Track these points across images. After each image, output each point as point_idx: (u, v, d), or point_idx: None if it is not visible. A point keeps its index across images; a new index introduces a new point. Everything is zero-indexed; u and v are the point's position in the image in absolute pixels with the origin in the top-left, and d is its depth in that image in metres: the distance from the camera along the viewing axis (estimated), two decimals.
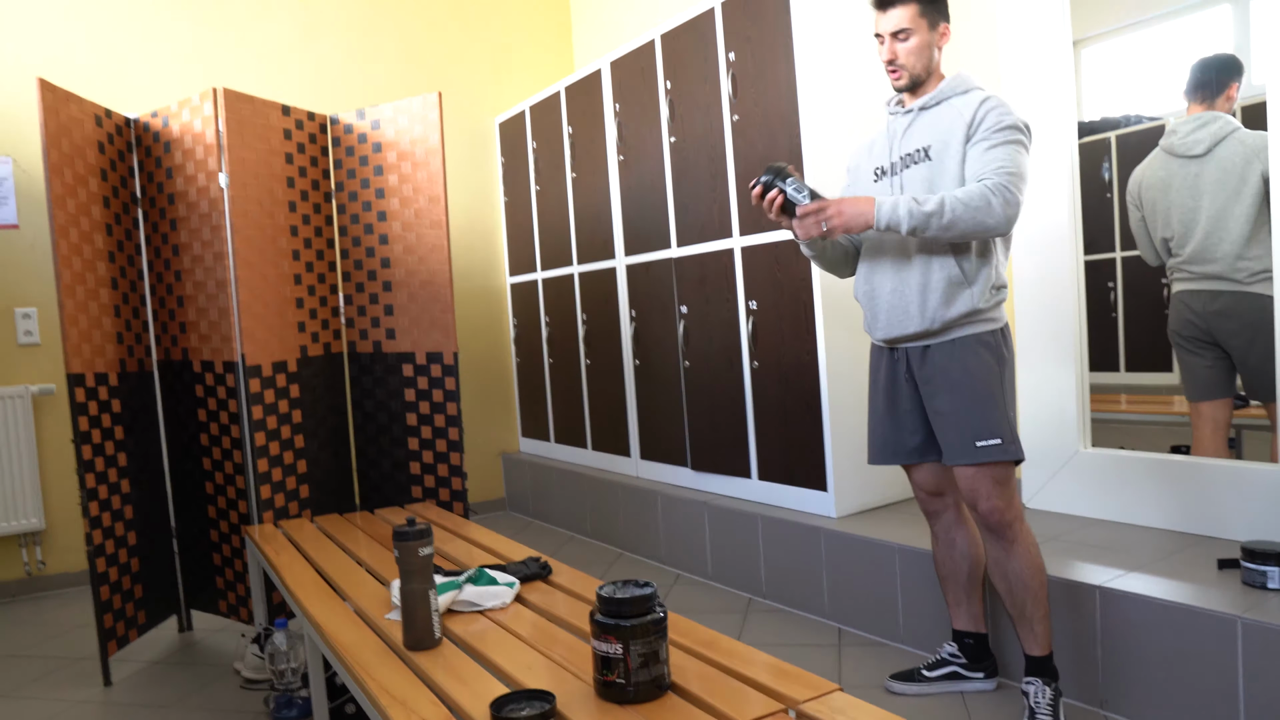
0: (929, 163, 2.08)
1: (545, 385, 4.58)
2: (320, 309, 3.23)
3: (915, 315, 2.09)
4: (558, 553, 3.93)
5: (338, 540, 2.68)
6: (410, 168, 3.18)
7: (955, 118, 2.06)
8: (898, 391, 2.21)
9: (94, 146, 2.88)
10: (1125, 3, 2.76)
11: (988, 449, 2.04)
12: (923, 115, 2.14)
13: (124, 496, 2.90)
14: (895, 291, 2.13)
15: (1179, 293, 2.64)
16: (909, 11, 2.07)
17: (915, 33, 2.07)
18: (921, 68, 2.11)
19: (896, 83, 2.14)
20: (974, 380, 2.06)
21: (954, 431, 2.08)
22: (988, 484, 2.06)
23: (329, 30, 4.47)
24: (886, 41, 2.10)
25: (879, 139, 2.26)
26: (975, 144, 2.02)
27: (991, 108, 2.02)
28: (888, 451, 2.27)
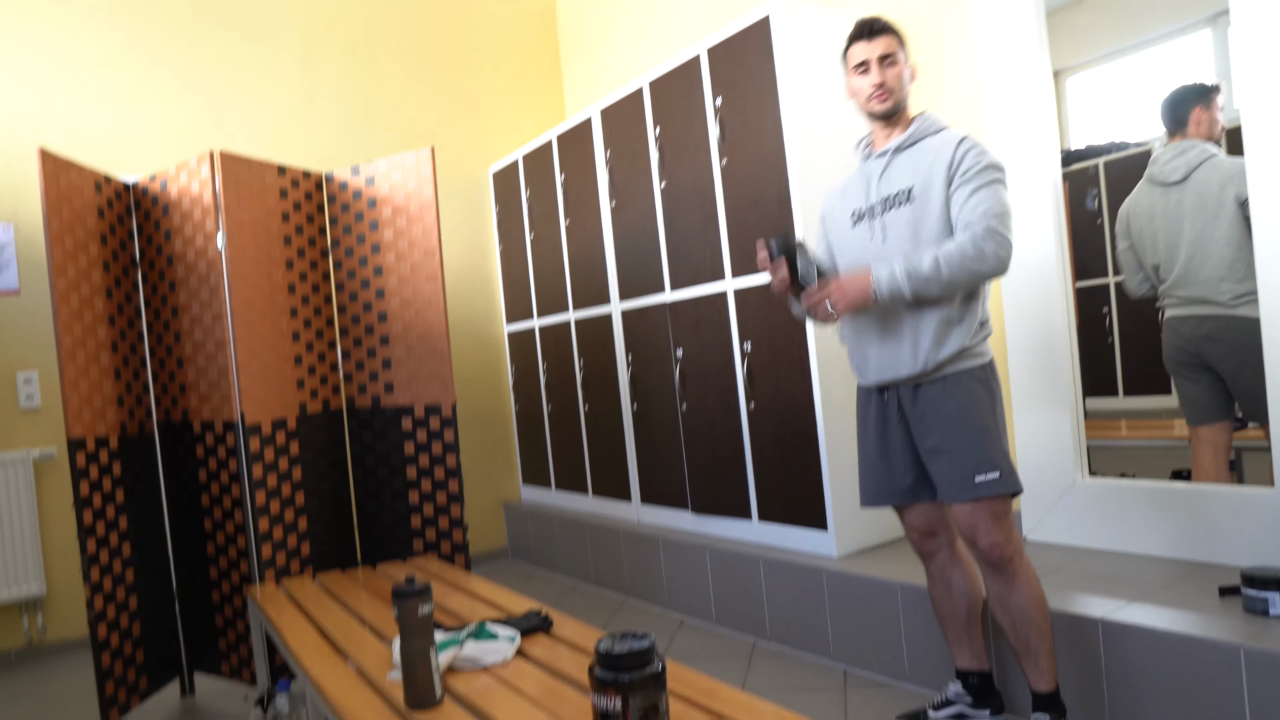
0: (911, 205, 2.12)
1: (545, 432, 4.59)
2: (319, 365, 3.25)
3: (908, 359, 2.11)
4: (561, 601, 3.92)
5: (339, 598, 2.68)
6: (405, 222, 3.22)
7: (933, 159, 2.11)
8: (889, 432, 2.22)
9: (94, 212, 2.93)
10: (1106, 32, 2.82)
11: (987, 483, 2.05)
12: (899, 157, 2.18)
13: (125, 560, 2.90)
14: (885, 335, 2.15)
15: (1169, 319, 2.66)
16: (893, 41, 2.17)
17: (899, 60, 2.17)
18: (903, 95, 2.18)
19: (881, 105, 2.17)
20: (968, 415, 2.07)
21: (951, 468, 2.08)
22: (986, 519, 2.06)
23: (324, 90, 4.55)
24: (873, 68, 2.16)
25: (852, 182, 2.30)
26: (958, 187, 2.07)
27: (969, 149, 2.08)
28: (881, 493, 2.26)
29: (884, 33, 2.17)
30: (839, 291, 2.06)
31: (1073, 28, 2.84)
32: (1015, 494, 2.08)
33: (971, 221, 2.02)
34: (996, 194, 2.05)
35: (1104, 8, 2.82)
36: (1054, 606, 2.24)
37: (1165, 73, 2.71)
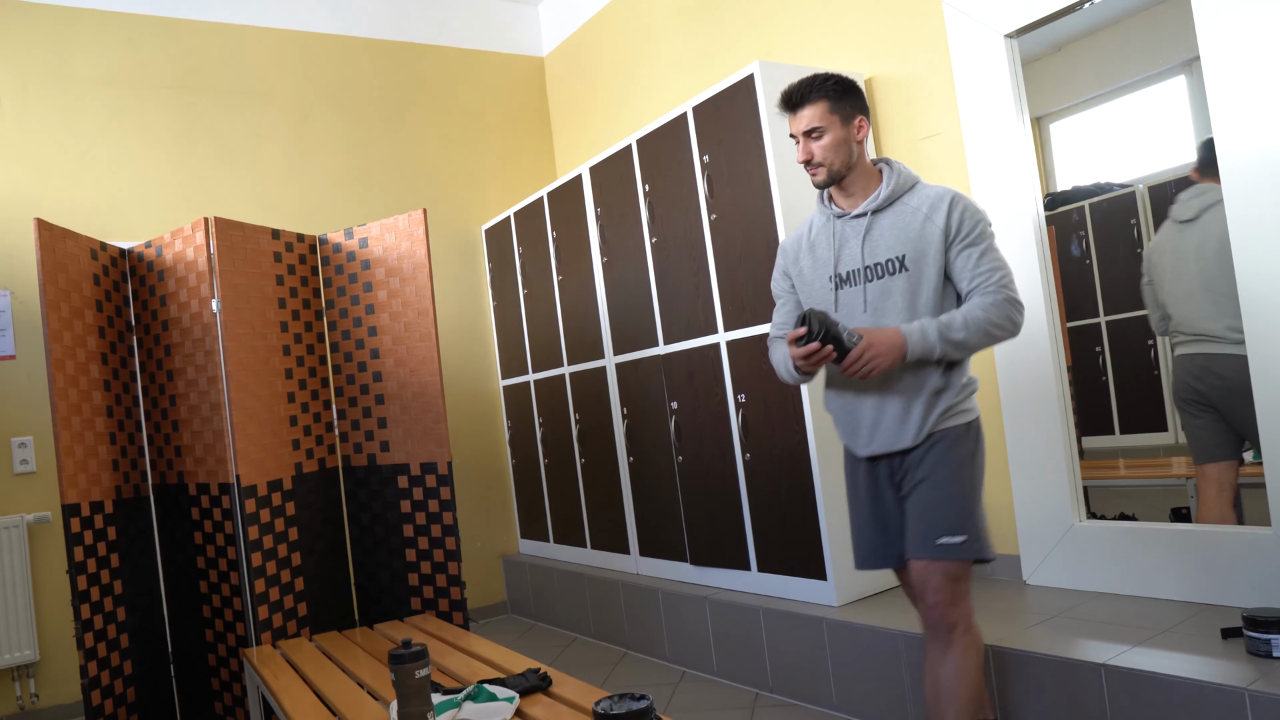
0: (907, 273, 2.02)
1: (542, 486, 4.58)
2: (314, 425, 3.26)
3: (909, 432, 2.04)
4: (560, 656, 3.88)
5: (336, 660, 2.65)
6: (399, 283, 3.25)
7: (924, 223, 2.02)
8: (881, 497, 2.13)
9: (89, 279, 2.96)
10: (1085, 79, 2.89)
11: (948, 546, 1.96)
12: (880, 220, 2.08)
13: (120, 625, 2.87)
14: (878, 408, 2.07)
15: (1178, 356, 2.68)
16: (819, 109, 2.04)
17: (828, 130, 2.04)
18: (840, 164, 2.07)
19: (815, 179, 2.09)
20: (946, 474, 2.00)
21: (920, 524, 2.01)
22: (938, 577, 1.98)
23: (317, 154, 4.62)
24: (800, 142, 2.07)
25: (821, 241, 2.17)
26: (961, 252, 2.00)
27: (963, 209, 2.01)
28: (876, 556, 2.17)
29: (805, 104, 2.05)
30: (874, 352, 1.94)
31: (1053, 75, 2.91)
32: (980, 561, 1.99)
33: (987, 288, 1.98)
34: (999, 256, 2.02)
35: (1081, 55, 2.89)
36: (1055, 652, 2.23)
37: (1143, 117, 2.77)
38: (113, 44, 4.16)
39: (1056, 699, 2.22)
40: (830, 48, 3.47)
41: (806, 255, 2.18)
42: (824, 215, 2.17)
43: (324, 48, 4.71)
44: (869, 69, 3.33)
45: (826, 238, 2.15)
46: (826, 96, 2.04)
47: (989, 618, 2.60)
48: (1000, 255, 2.02)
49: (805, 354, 1.94)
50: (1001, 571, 3.02)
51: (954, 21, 2.96)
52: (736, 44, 3.92)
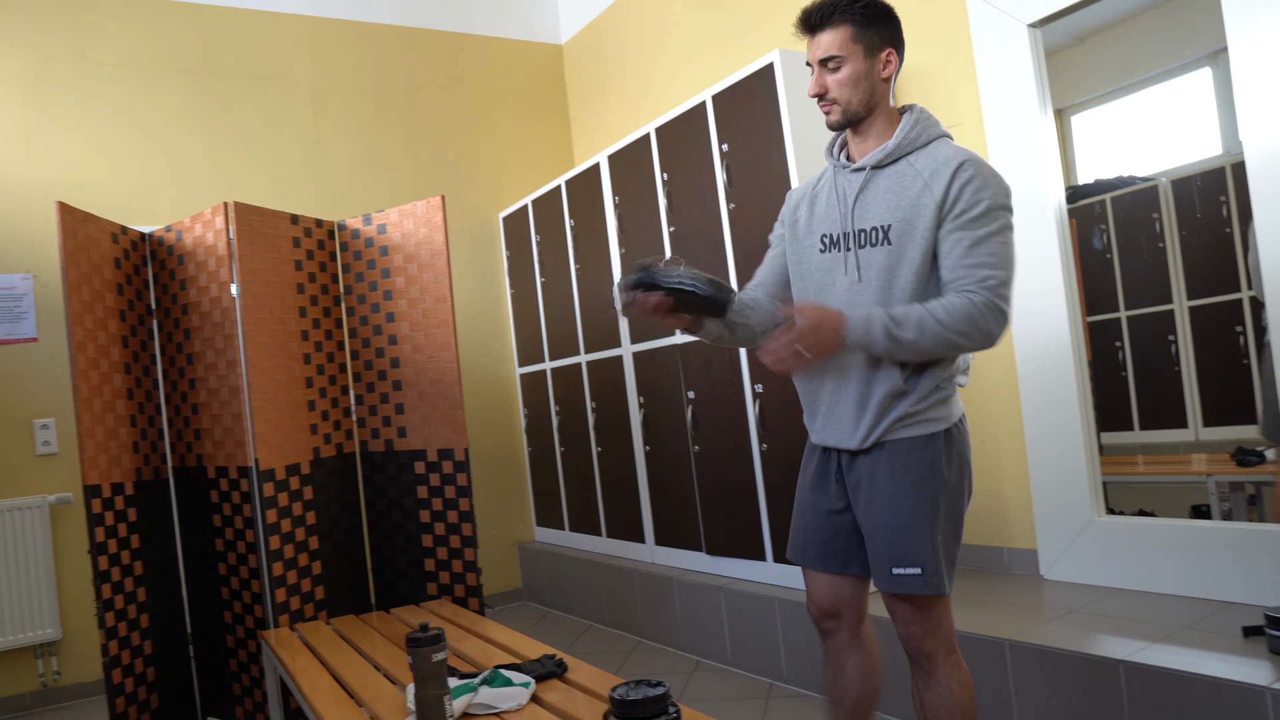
0: (889, 248, 1.73)
1: (558, 474, 4.59)
2: (332, 410, 3.28)
3: (849, 429, 1.79)
4: (575, 644, 3.89)
5: (353, 643, 2.67)
6: (416, 269, 3.26)
7: (921, 190, 1.71)
8: (825, 490, 1.88)
9: (110, 263, 2.97)
10: (1108, 70, 2.86)
11: (903, 579, 1.72)
12: (879, 177, 1.77)
13: (140, 605, 2.90)
14: (834, 396, 1.82)
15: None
16: (840, 35, 1.73)
17: (848, 60, 1.74)
18: (859, 102, 1.76)
19: (829, 119, 1.80)
20: (901, 493, 1.74)
21: (876, 551, 1.78)
22: (906, 609, 1.77)
23: (336, 140, 4.63)
24: (814, 71, 1.77)
25: (824, 194, 1.88)
26: (952, 232, 1.69)
27: (968, 179, 1.68)
28: (807, 553, 1.91)
29: (825, 26, 1.74)
30: (811, 332, 1.64)
31: (1076, 67, 2.88)
32: (936, 595, 1.73)
33: (968, 287, 1.66)
34: (1000, 248, 1.68)
35: (1105, 47, 2.86)
36: (1075, 648, 2.22)
37: (1167, 110, 2.74)
38: (134, 29, 4.18)
39: (1074, 695, 2.21)
40: None
41: (806, 207, 1.90)
42: (829, 164, 1.89)
43: (343, 34, 4.72)
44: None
45: (828, 191, 1.86)
46: (851, 20, 1.73)
47: (1005, 612, 2.59)
48: (1004, 248, 1.69)
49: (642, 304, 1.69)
50: (1019, 566, 3.01)
51: (977, 10, 2.94)
52: (756, 32, 3.90)
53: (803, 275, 1.89)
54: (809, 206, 1.90)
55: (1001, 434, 3.04)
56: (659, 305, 1.69)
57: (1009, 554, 3.04)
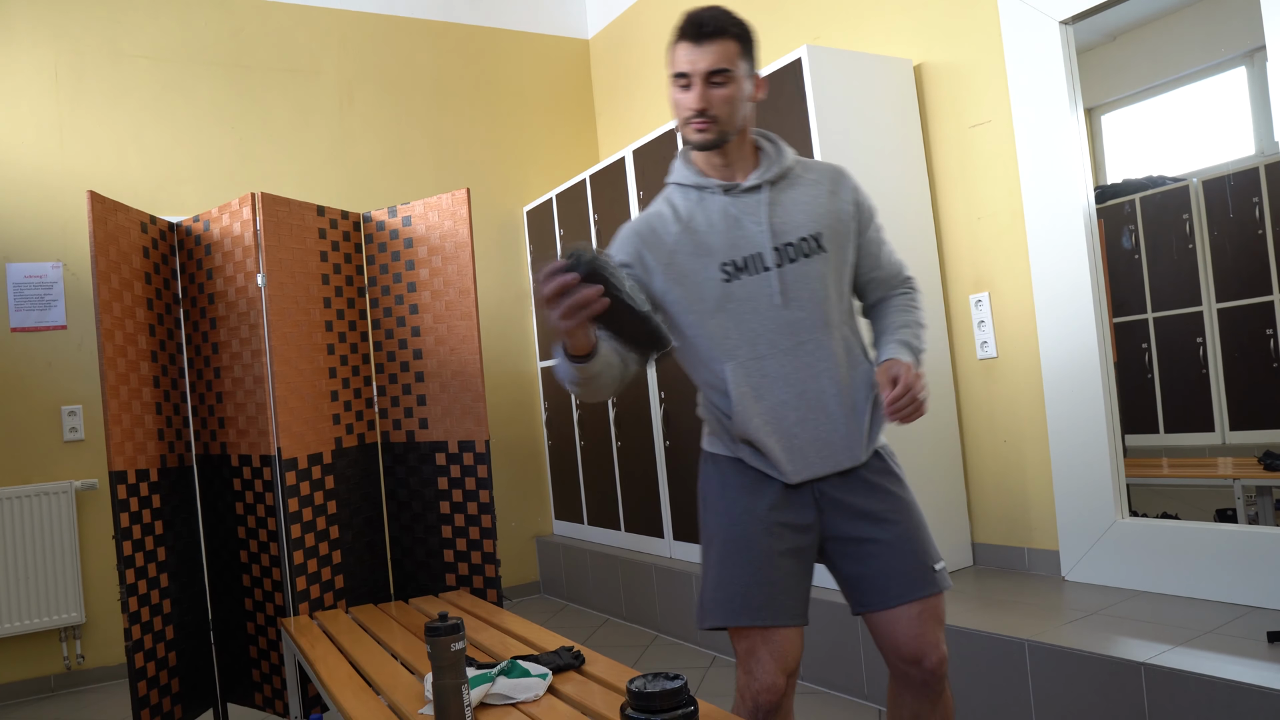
0: (824, 254, 1.68)
1: (578, 468, 4.60)
2: (354, 401, 3.30)
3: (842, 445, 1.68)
4: (592, 637, 3.90)
5: (372, 632, 2.69)
6: (441, 262, 3.27)
7: (830, 198, 1.72)
8: (796, 528, 1.70)
9: (139, 252, 3.01)
10: (1140, 69, 2.83)
11: (941, 574, 1.68)
12: (781, 194, 1.71)
13: (163, 591, 2.94)
14: (809, 423, 1.67)
15: None
16: (730, 49, 1.62)
17: (734, 78, 1.63)
18: (737, 123, 1.66)
19: (700, 136, 1.64)
20: (907, 494, 1.74)
21: (910, 556, 1.66)
22: (934, 625, 1.66)
23: (362, 132, 4.66)
24: (695, 85, 1.61)
25: (700, 220, 1.70)
26: (870, 238, 1.78)
27: (857, 187, 1.79)
28: (774, 607, 1.65)
29: (718, 36, 1.61)
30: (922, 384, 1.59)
31: (1106, 65, 2.85)
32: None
33: (898, 284, 1.82)
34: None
35: (1138, 45, 2.83)
36: (1095, 649, 2.20)
37: (1200, 110, 2.71)
38: (165, 22, 4.22)
39: (1094, 697, 2.19)
40: (880, 32, 3.42)
41: (682, 242, 1.70)
42: (693, 192, 1.73)
43: (371, 27, 4.74)
44: (919, 54, 3.29)
45: (709, 216, 1.70)
46: (738, 39, 1.64)
47: (1025, 613, 2.57)
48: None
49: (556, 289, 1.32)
50: (1040, 567, 2.98)
51: (1007, 7, 2.91)
52: (784, 27, 3.88)
53: (706, 313, 1.69)
54: (687, 239, 1.70)
55: (1025, 434, 3.01)
56: (596, 310, 1.35)
57: (1030, 554, 3.01)
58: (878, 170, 3.09)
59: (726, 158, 1.70)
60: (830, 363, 1.68)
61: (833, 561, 1.75)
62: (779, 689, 1.64)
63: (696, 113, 1.62)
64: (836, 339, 1.70)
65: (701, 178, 1.72)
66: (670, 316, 1.72)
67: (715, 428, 1.80)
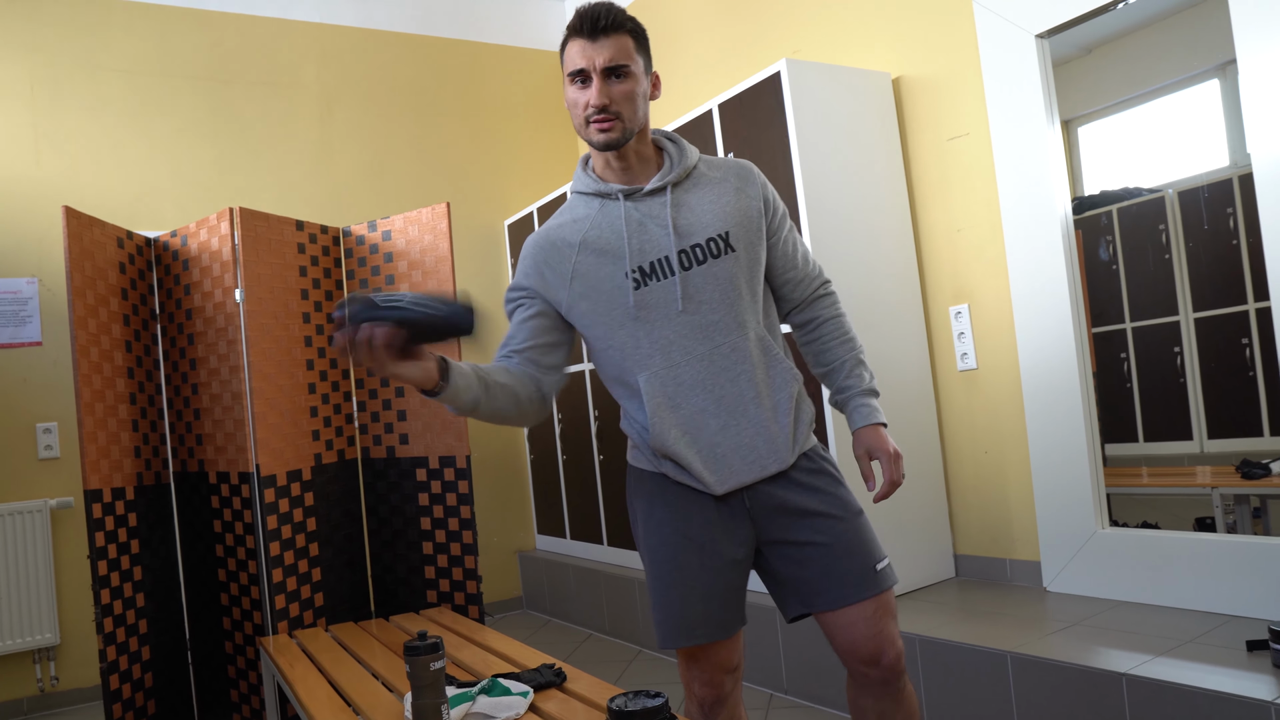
0: (733, 254, 1.63)
1: (560, 482, 4.58)
2: (334, 416, 3.27)
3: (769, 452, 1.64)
4: (575, 653, 3.87)
5: (352, 651, 2.66)
6: (421, 276, 3.26)
7: (737, 195, 1.67)
8: (729, 540, 1.67)
9: (115, 267, 2.98)
10: (1115, 82, 2.85)
11: (886, 572, 1.65)
12: (685, 195, 1.65)
13: (139, 610, 2.90)
14: (731, 430, 1.63)
15: None
16: (625, 44, 1.59)
17: (632, 73, 1.59)
18: (638, 121, 1.61)
19: (602, 136, 1.59)
20: (844, 494, 1.69)
21: (850, 558, 1.62)
22: (889, 621, 1.64)
23: (342, 145, 4.64)
24: (594, 81, 1.57)
25: (604, 229, 1.65)
26: (779, 236, 1.72)
27: (765, 182, 1.74)
28: (710, 626, 1.64)
29: (613, 31, 1.57)
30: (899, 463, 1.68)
31: (1082, 78, 2.88)
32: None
33: (817, 282, 1.79)
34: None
35: (1112, 58, 2.86)
36: (1076, 660, 2.20)
37: (1175, 122, 2.73)
38: (143, 35, 4.20)
39: (1076, 707, 2.19)
40: (858, 46, 3.44)
41: (585, 252, 1.66)
42: (595, 200, 1.68)
43: (350, 41, 4.73)
44: (897, 68, 3.31)
45: (612, 223, 1.65)
46: (632, 34, 1.61)
47: (1008, 624, 2.57)
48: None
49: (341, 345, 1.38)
50: (1022, 578, 2.99)
51: (984, 21, 2.93)
52: (763, 42, 3.90)
53: (615, 323, 1.65)
54: (590, 250, 1.66)
55: (1006, 445, 3.02)
56: (389, 338, 1.37)
57: (1012, 565, 3.02)
58: (857, 183, 3.10)
59: (626, 160, 1.65)
60: (747, 364, 1.63)
61: (770, 566, 1.70)
62: (720, 685, 1.70)
63: (598, 110, 1.57)
64: (752, 339, 1.65)
65: (601, 184, 1.67)
66: (580, 331, 1.72)
67: (637, 441, 1.74)
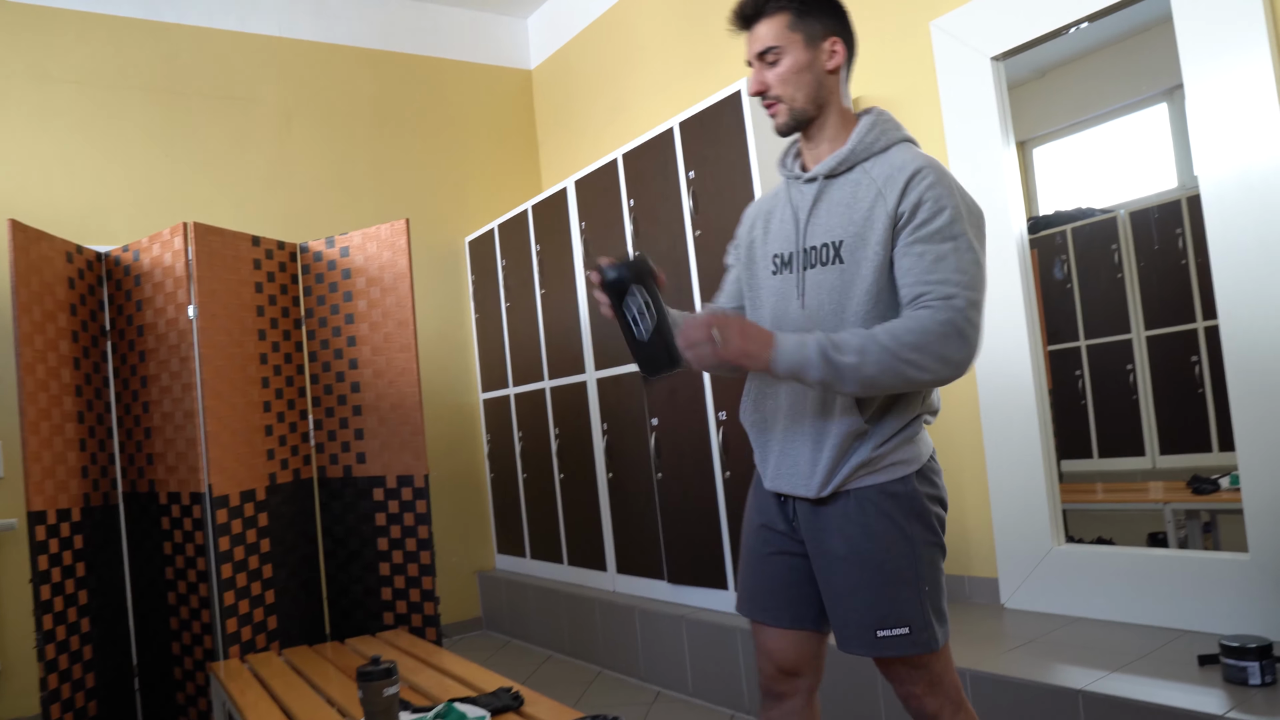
0: (840, 266, 1.55)
1: (520, 500, 4.54)
2: (290, 435, 3.22)
3: (804, 476, 1.59)
4: (534, 674, 3.83)
5: (305, 675, 2.61)
6: (379, 293, 3.22)
7: (875, 198, 1.53)
8: (775, 532, 1.69)
9: (64, 282, 2.91)
10: (1068, 104, 2.91)
11: (892, 640, 1.53)
12: (832, 187, 1.60)
13: (83, 636, 2.81)
14: (787, 437, 1.63)
15: None
16: (777, 25, 1.57)
17: (787, 51, 1.57)
18: (805, 99, 1.58)
19: (775, 122, 1.62)
20: (878, 549, 1.55)
21: (850, 614, 1.57)
22: (900, 669, 1.60)
23: (300, 160, 4.59)
24: (755, 68, 1.61)
25: (779, 209, 1.70)
26: (911, 245, 1.49)
27: (928, 186, 1.49)
28: (756, 604, 1.70)
29: (761, 17, 1.58)
30: (739, 332, 1.47)
31: (1037, 100, 2.93)
32: (930, 652, 1.56)
33: (929, 303, 1.46)
34: (966, 263, 1.46)
35: (1065, 81, 2.91)
36: (1034, 677, 2.22)
37: (1125, 144, 2.79)
38: (96, 46, 4.12)
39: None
40: None
41: (761, 224, 1.73)
42: (782, 179, 1.73)
43: (310, 55, 4.69)
44: (856, 88, 3.34)
45: (783, 206, 1.69)
46: (788, 8, 1.57)
47: (966, 641, 2.58)
48: (975, 266, 1.48)
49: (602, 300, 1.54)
50: (980, 595, 3.01)
51: (941, 43, 2.98)
52: (724, 60, 3.93)
53: (756, 303, 1.71)
54: (764, 224, 1.72)
55: (963, 462, 3.05)
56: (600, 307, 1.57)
57: (970, 582, 3.04)
58: None
59: (815, 140, 1.64)
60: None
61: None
62: (773, 679, 1.70)
63: (759, 95, 1.61)
64: None
65: (783, 166, 1.70)
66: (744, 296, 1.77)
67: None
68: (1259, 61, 2.27)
